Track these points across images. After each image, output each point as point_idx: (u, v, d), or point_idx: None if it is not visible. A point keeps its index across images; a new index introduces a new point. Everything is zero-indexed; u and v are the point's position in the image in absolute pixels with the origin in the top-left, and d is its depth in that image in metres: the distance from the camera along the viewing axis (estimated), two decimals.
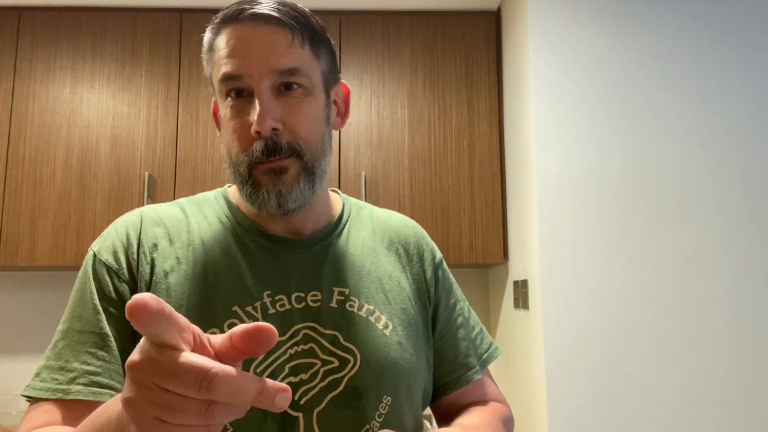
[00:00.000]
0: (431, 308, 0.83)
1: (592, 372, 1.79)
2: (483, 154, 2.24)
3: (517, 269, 2.09)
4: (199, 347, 0.41)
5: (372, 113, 2.25)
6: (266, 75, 0.70)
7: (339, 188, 2.20)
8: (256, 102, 0.70)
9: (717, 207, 1.88)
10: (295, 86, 0.72)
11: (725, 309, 1.84)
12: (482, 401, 0.86)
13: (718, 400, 1.79)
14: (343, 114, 0.82)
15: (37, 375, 0.68)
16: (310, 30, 0.74)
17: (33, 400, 0.68)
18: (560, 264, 1.84)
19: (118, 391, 0.67)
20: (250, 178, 0.72)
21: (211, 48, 0.74)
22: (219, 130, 0.80)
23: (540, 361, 1.83)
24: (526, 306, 1.96)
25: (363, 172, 2.20)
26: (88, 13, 2.26)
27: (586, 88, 1.93)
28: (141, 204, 2.15)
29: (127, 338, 0.70)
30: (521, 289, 2.01)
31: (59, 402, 0.66)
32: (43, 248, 2.11)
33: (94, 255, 0.74)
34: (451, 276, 0.90)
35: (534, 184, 1.89)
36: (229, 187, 0.84)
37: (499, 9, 2.32)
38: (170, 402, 0.39)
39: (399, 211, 2.18)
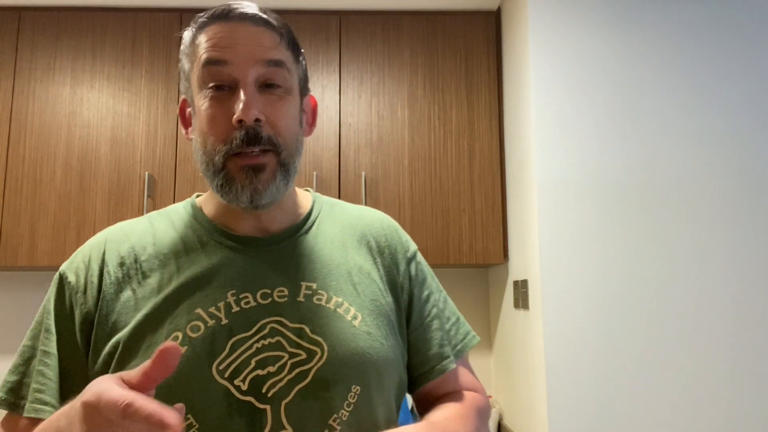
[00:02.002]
0: (405, 300, 0.84)
1: (592, 372, 1.79)
2: (483, 154, 2.24)
3: (517, 269, 2.09)
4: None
5: (372, 113, 2.25)
6: (253, 65, 0.72)
7: (339, 188, 2.20)
8: (241, 92, 0.71)
9: (717, 207, 1.88)
10: (277, 86, 0.74)
11: (726, 309, 1.84)
12: (457, 391, 0.87)
13: (719, 399, 1.79)
14: (311, 123, 0.85)
15: (2, 385, 0.74)
16: (292, 37, 0.78)
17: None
18: (560, 264, 1.84)
19: (57, 409, 0.70)
20: (223, 170, 0.72)
21: (193, 43, 0.75)
22: (185, 129, 0.81)
23: (540, 361, 1.83)
24: (526, 306, 1.96)
25: (363, 172, 2.20)
26: (88, 13, 2.26)
27: (586, 88, 1.93)
28: (141, 204, 2.15)
29: (73, 361, 0.73)
30: (521, 289, 2.01)
31: (15, 415, 0.73)
32: (43, 248, 2.11)
33: (60, 275, 0.77)
34: (426, 268, 0.90)
35: (534, 184, 1.89)
36: (197, 196, 0.86)
37: (499, 9, 2.32)
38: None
39: (399, 211, 2.19)
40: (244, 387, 0.69)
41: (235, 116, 0.70)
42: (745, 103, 1.94)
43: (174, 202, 2.33)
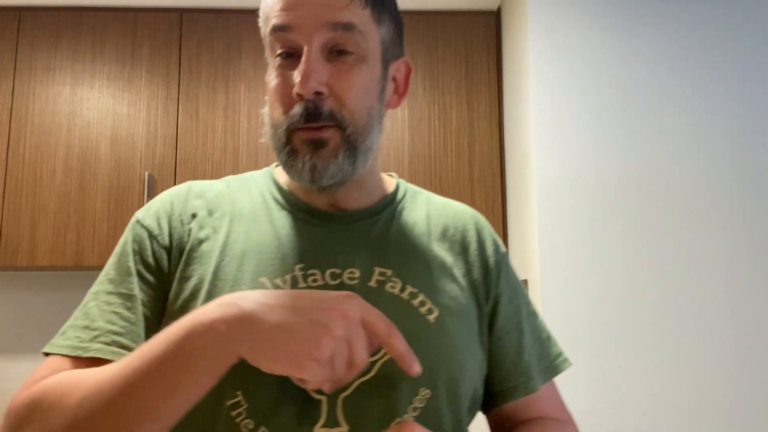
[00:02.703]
0: (489, 304, 0.75)
1: (593, 372, 1.79)
2: (483, 154, 2.24)
3: (517, 269, 2.09)
4: None
5: None
6: (318, 29, 0.64)
7: None
8: (302, 61, 0.64)
9: (717, 207, 1.88)
10: (348, 53, 0.66)
11: (725, 309, 1.84)
12: (543, 418, 0.76)
13: (719, 399, 1.79)
14: (402, 93, 0.76)
15: (62, 333, 0.66)
16: None
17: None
18: (560, 264, 1.84)
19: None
20: (288, 145, 0.67)
21: (268, 6, 0.70)
22: None
23: None
24: None
25: None
26: (88, 13, 2.26)
27: (586, 87, 1.93)
28: (141, 204, 2.15)
29: (155, 305, 0.67)
30: None
31: (74, 359, 0.63)
32: (43, 248, 2.11)
33: (137, 220, 0.72)
34: (515, 275, 0.81)
35: (534, 184, 1.89)
36: (277, 165, 0.80)
37: (499, 9, 2.32)
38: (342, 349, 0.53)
39: None
40: None
41: (294, 89, 0.64)
42: (746, 104, 1.94)
43: None
